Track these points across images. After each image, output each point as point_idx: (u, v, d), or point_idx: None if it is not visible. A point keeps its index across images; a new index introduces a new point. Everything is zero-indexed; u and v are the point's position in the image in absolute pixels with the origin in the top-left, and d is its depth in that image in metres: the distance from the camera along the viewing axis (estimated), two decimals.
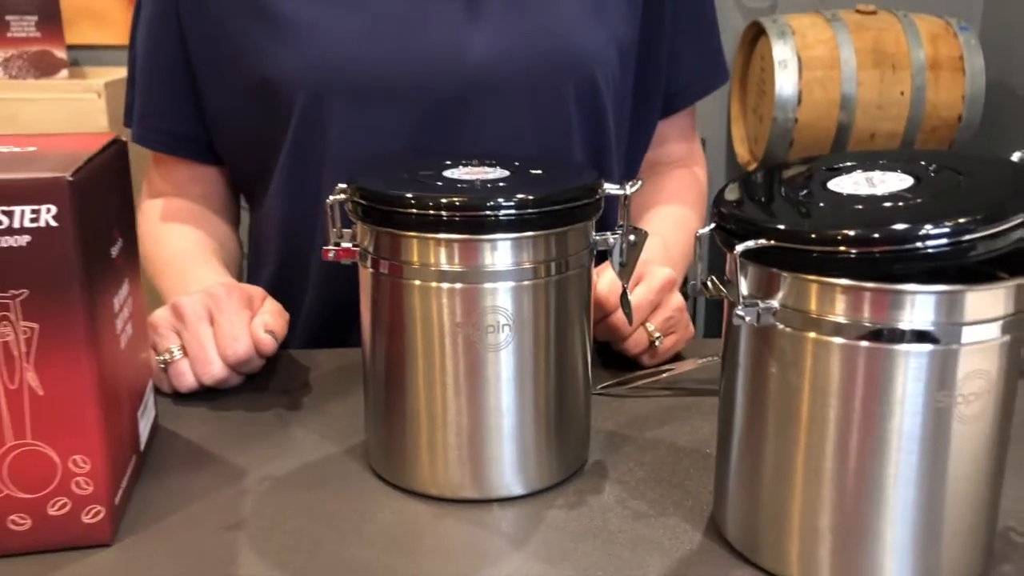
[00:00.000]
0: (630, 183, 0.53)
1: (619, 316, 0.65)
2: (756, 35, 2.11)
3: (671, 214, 0.85)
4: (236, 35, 0.75)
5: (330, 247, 0.54)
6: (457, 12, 0.74)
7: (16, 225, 0.41)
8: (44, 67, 1.86)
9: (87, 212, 0.43)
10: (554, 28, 0.76)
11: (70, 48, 1.94)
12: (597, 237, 0.53)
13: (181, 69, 0.79)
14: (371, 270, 0.52)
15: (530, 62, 0.75)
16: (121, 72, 1.95)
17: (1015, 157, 0.45)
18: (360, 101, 0.74)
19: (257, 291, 0.68)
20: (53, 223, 0.41)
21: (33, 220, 0.41)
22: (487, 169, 0.54)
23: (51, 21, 1.86)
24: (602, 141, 0.80)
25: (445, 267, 0.49)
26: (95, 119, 1.76)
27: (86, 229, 0.43)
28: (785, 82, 1.99)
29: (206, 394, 0.63)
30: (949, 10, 2.16)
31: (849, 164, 0.47)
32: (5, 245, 0.41)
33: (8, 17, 1.82)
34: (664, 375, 0.67)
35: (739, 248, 0.42)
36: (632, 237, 0.53)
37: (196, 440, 0.58)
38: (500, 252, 0.49)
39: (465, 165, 0.55)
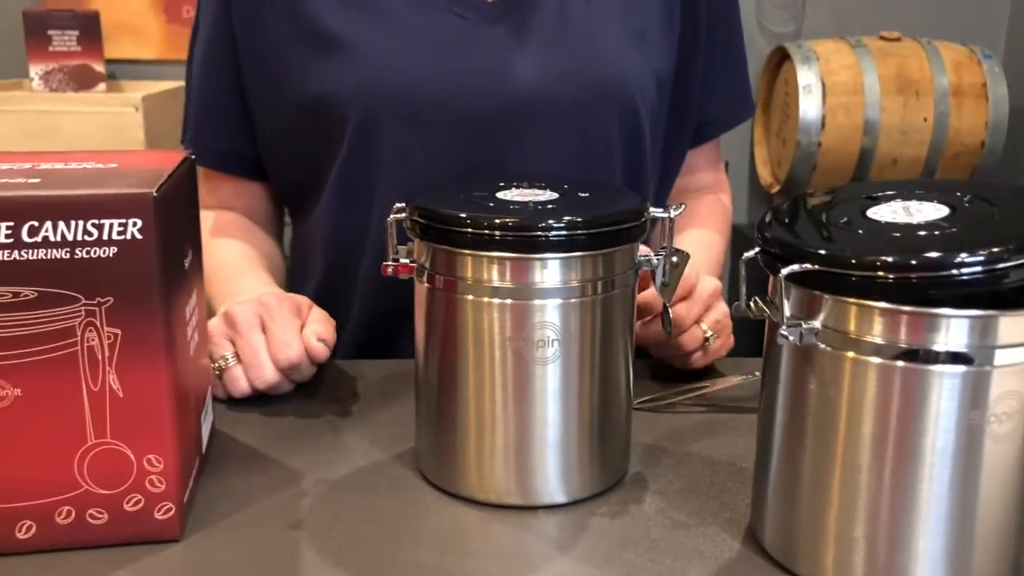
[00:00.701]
0: (674, 206, 0.56)
1: (676, 309, 0.69)
2: (781, 59, 2.14)
3: (700, 237, 0.88)
4: (289, 55, 0.79)
5: (389, 262, 0.56)
6: (505, 36, 0.78)
7: (104, 237, 0.44)
8: (83, 80, 1.91)
9: (166, 226, 0.46)
10: (600, 57, 0.79)
11: (108, 62, 1.99)
12: (642, 258, 0.56)
13: (234, 89, 0.82)
14: (427, 285, 0.55)
15: (576, 88, 0.78)
16: (158, 86, 2.00)
17: None
18: (410, 120, 0.77)
19: (304, 300, 0.71)
20: (138, 236, 0.44)
21: (120, 233, 0.44)
22: (537, 191, 0.57)
23: (92, 36, 1.91)
24: (640, 167, 0.83)
25: (497, 284, 0.52)
26: (132, 132, 1.80)
27: (165, 242, 0.46)
28: (809, 106, 2.01)
29: (259, 400, 0.66)
30: (973, 38, 2.18)
31: (889, 193, 0.49)
32: (94, 256, 0.44)
33: (51, 32, 1.87)
34: (702, 391, 0.69)
35: (784, 271, 0.45)
36: (675, 259, 0.56)
37: (251, 443, 0.61)
38: (550, 270, 0.52)
39: (517, 187, 0.58)
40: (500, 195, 0.56)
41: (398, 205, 0.56)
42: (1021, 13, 2.28)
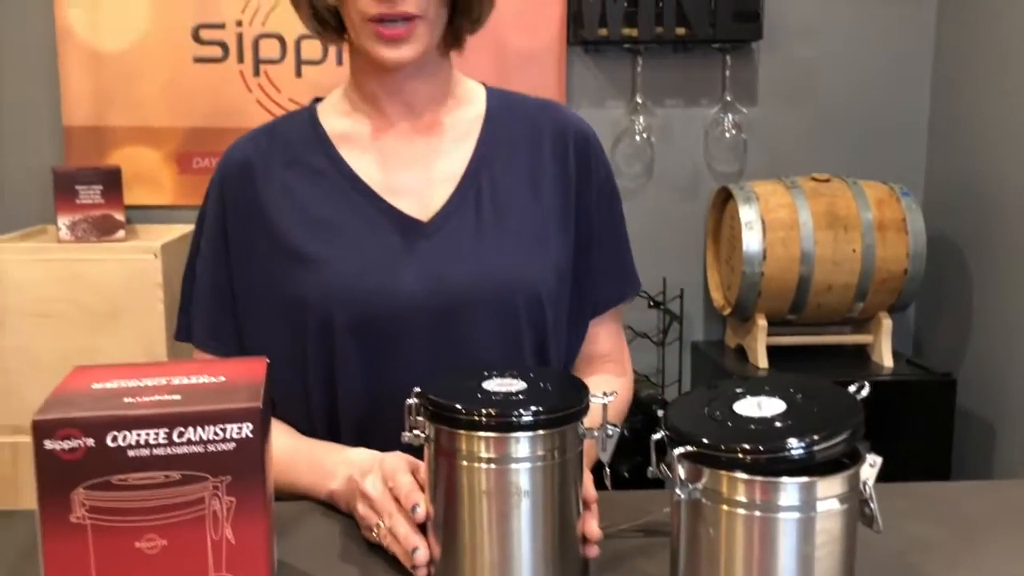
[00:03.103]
0: (605, 394, 0.79)
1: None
2: (726, 197, 2.42)
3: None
4: (267, 266, 1.03)
5: (406, 433, 0.78)
6: (438, 248, 1.02)
7: (227, 436, 0.65)
8: (105, 228, 2.14)
9: (264, 423, 0.68)
10: (510, 261, 1.03)
11: (125, 207, 2.22)
12: (584, 431, 0.78)
13: (227, 292, 1.06)
14: (432, 452, 0.77)
15: (494, 287, 1.02)
16: (172, 230, 2.24)
17: (851, 389, 0.71)
18: (363, 317, 1.00)
19: (405, 457, 0.88)
20: (249, 435, 0.66)
21: (237, 433, 0.65)
22: (511, 381, 0.79)
23: (114, 189, 2.14)
24: (544, 341, 1.06)
25: (484, 454, 0.74)
26: (151, 276, 2.02)
27: (264, 436, 0.68)
28: (751, 240, 2.27)
29: (297, 528, 0.86)
30: (894, 176, 2.47)
31: (746, 391, 0.72)
32: (219, 449, 0.65)
33: (78, 187, 2.11)
34: (640, 522, 0.91)
35: (678, 451, 0.67)
36: (609, 432, 0.78)
37: (288, 560, 0.81)
38: (522, 444, 0.74)
39: (498, 376, 0.80)
40: (485, 384, 0.79)
41: (415, 390, 0.78)
42: (936, 152, 2.59)
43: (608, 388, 1.09)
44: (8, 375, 2.03)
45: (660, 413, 0.73)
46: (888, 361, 2.34)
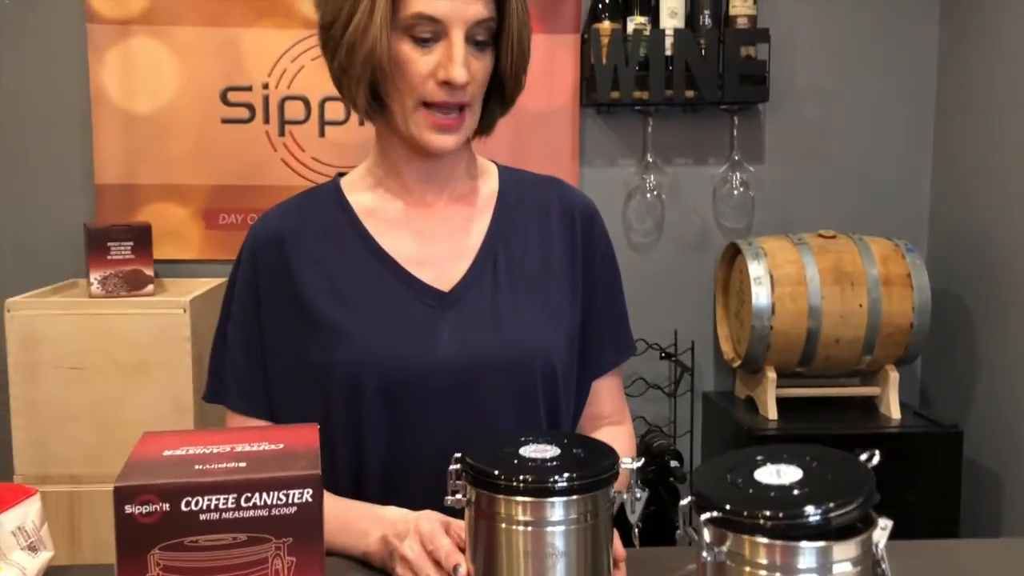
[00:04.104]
0: (633, 459, 0.84)
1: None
2: (735, 253, 2.48)
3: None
4: (299, 337, 1.10)
5: (448, 497, 0.84)
6: (458, 318, 1.09)
7: (289, 501, 0.71)
8: (134, 283, 2.21)
9: (321, 489, 0.74)
10: (527, 330, 1.10)
11: (154, 262, 2.29)
12: (615, 494, 0.84)
13: (258, 355, 1.12)
14: (474, 513, 0.82)
15: (512, 354, 1.09)
16: (199, 284, 2.31)
17: (863, 457, 0.77)
18: (390, 383, 1.06)
19: (437, 517, 0.94)
20: (309, 499, 0.72)
21: (299, 498, 0.71)
22: (546, 447, 0.85)
23: (144, 245, 2.22)
24: (556, 403, 1.13)
25: (521, 516, 0.80)
26: (180, 330, 2.09)
27: (321, 500, 0.73)
28: (760, 295, 2.33)
29: None
30: (899, 232, 2.54)
31: (762, 459, 0.78)
32: (282, 513, 0.71)
33: (110, 243, 2.19)
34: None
35: (704, 516, 0.73)
36: (638, 493, 0.84)
37: None
38: (557, 508, 0.79)
39: (534, 442, 0.86)
40: (522, 451, 0.85)
41: (456, 455, 0.84)
42: (939, 208, 2.66)
43: (615, 441, 1.16)
44: (39, 426, 2.09)
45: (673, 464, 0.79)
46: (896, 413, 2.38)
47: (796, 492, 0.73)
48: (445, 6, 1.01)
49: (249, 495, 0.71)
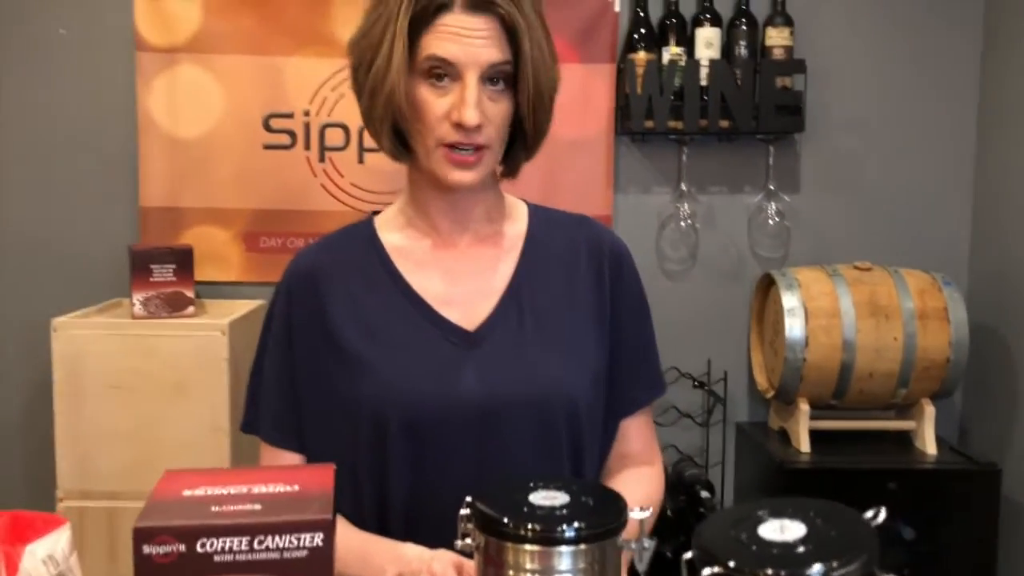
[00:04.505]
0: (642, 508, 0.85)
1: None
2: (769, 283, 2.47)
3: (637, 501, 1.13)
4: (329, 371, 1.12)
5: (458, 541, 0.86)
6: (483, 357, 1.10)
7: (301, 544, 0.74)
8: (176, 304, 2.26)
9: (333, 532, 0.76)
10: (550, 370, 1.12)
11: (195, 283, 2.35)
12: (623, 542, 0.85)
13: (290, 388, 1.15)
14: (483, 559, 0.84)
15: (535, 394, 1.10)
16: (238, 306, 2.36)
17: (867, 515, 0.77)
18: (415, 420, 1.08)
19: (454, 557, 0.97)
20: (320, 543, 0.74)
21: (310, 541, 0.74)
22: (555, 494, 0.87)
23: (185, 267, 2.28)
24: (580, 442, 1.14)
25: (528, 565, 0.81)
26: (219, 351, 2.14)
27: (332, 543, 0.76)
28: (794, 326, 2.32)
29: None
30: (937, 265, 2.50)
31: (766, 513, 0.79)
32: (294, 556, 0.73)
33: (152, 266, 2.25)
34: None
35: (705, 572, 0.74)
36: (646, 544, 0.85)
37: None
38: (564, 557, 0.81)
39: (544, 488, 0.88)
40: (531, 497, 0.86)
41: (467, 499, 0.86)
42: (980, 241, 2.63)
43: (640, 486, 1.17)
44: (82, 442, 2.15)
45: (704, 494, 0.80)
46: (932, 448, 2.35)
47: (800, 550, 0.74)
48: (459, 50, 1.03)
49: (262, 538, 0.73)
